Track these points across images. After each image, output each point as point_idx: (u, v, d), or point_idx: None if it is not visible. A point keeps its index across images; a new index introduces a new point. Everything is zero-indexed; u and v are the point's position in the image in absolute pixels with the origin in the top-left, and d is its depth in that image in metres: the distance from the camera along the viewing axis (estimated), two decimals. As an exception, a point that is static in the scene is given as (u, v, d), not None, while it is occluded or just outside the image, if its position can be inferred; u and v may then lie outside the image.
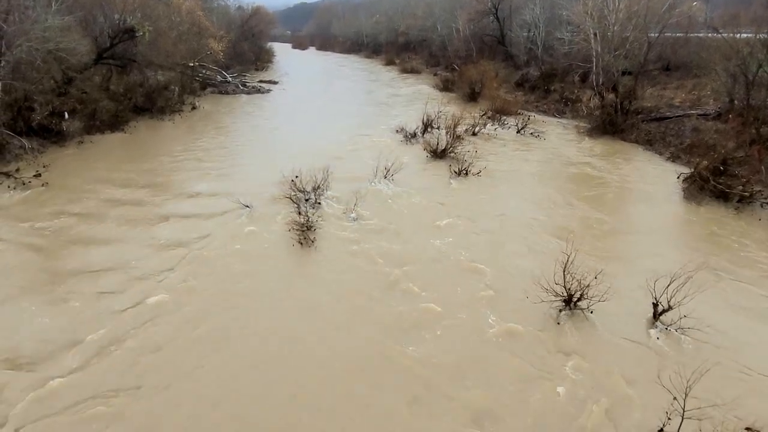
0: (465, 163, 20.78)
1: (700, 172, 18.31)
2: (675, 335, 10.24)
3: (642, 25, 29.83)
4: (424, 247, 14.16)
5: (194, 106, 35.31)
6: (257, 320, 10.67)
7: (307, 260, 13.40)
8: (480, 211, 17.14)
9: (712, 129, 23.80)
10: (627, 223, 16.85)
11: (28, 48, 21.39)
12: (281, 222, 15.46)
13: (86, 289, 11.60)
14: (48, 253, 13.25)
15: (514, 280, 12.40)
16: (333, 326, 10.54)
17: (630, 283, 11.92)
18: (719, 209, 17.21)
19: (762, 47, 22.79)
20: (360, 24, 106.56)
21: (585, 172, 21.95)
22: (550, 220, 16.51)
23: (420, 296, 11.69)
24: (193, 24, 40.78)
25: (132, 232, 14.73)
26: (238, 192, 17.53)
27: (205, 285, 11.97)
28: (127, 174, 20.04)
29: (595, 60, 31.32)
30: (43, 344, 9.58)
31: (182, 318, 10.61)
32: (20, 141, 20.82)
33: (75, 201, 16.95)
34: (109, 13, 29.83)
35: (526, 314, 10.92)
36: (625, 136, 27.12)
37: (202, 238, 14.35)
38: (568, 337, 10.27)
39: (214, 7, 56.72)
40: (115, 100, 28.24)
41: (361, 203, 16.58)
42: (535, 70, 42.12)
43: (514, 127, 29.15)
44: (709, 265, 12.91)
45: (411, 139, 26.31)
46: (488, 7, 51.14)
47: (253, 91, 45.55)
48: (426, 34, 69.55)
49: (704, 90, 28.70)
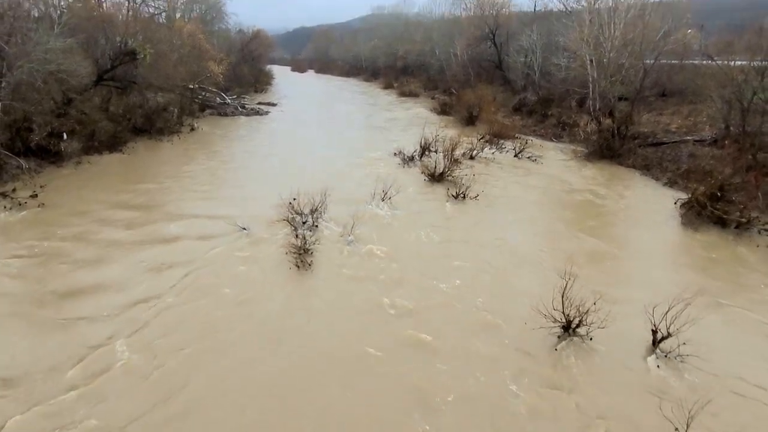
0: (463, 186, 20.80)
1: (698, 197, 18.35)
2: (675, 363, 10.10)
3: (637, 52, 30.23)
4: (420, 271, 14.03)
5: (193, 127, 35.41)
6: (245, 352, 10.41)
7: (302, 286, 13.24)
8: (477, 234, 17.09)
9: (708, 155, 23.95)
10: (625, 248, 16.80)
11: (29, 69, 21.49)
12: (278, 245, 15.35)
13: (73, 313, 11.39)
14: (38, 275, 13.06)
15: (511, 305, 12.26)
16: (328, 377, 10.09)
17: (629, 309, 11.80)
18: (717, 235, 17.19)
19: (756, 74, 23.06)
20: (358, 48, 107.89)
21: (583, 196, 21.98)
22: (548, 244, 16.45)
23: (414, 321, 11.54)
24: (193, 47, 41.19)
25: (126, 254, 14.58)
26: (235, 214, 17.47)
27: (198, 310, 11.77)
28: (123, 195, 19.97)
29: (591, 86, 31.65)
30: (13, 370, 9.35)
31: (170, 345, 10.38)
32: (17, 161, 20.79)
33: (70, 222, 16.83)
34: (111, 35, 30.10)
35: (523, 340, 10.77)
36: (622, 161, 27.26)
37: (197, 261, 14.21)
38: (566, 365, 10.11)
39: (214, 30, 57.39)
40: (114, 121, 28.31)
41: (359, 226, 16.50)
42: (532, 95, 42.56)
43: (511, 151, 29.29)
44: (709, 292, 12.83)
45: (409, 163, 26.38)
46: (486, 32, 51.95)
47: (252, 113, 45.80)
48: (424, 58, 70.40)
49: (700, 116, 29.00)
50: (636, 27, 30.76)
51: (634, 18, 31.43)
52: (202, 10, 56.25)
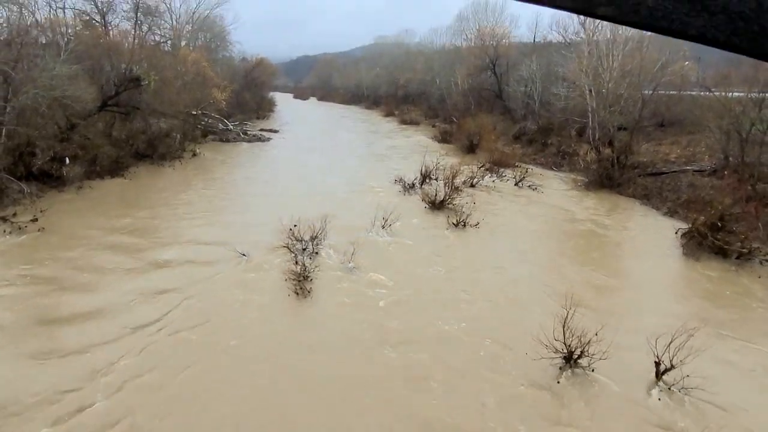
0: (463, 214, 20.80)
1: (698, 228, 18.34)
2: (678, 396, 9.92)
3: (636, 83, 30.65)
4: (419, 300, 13.92)
5: (195, 153, 35.67)
6: (242, 381, 10.24)
7: (301, 314, 13.12)
8: (478, 263, 17.01)
9: (708, 185, 24.02)
10: (626, 278, 16.70)
11: (34, 95, 21.75)
12: (278, 271, 15.27)
13: (71, 340, 11.25)
14: (36, 301, 12.96)
15: (512, 335, 12.11)
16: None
17: (631, 340, 11.64)
18: (719, 265, 17.11)
19: (754, 106, 23.32)
20: (360, 76, 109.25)
21: (584, 226, 21.97)
22: (549, 273, 16.36)
23: (413, 350, 11.39)
24: (197, 74, 41.78)
25: (125, 280, 14.49)
26: (235, 240, 17.42)
27: (195, 337, 11.63)
28: (123, 220, 19.96)
29: (590, 115, 31.97)
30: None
31: (165, 372, 10.22)
32: (19, 185, 20.84)
33: (70, 247, 16.78)
34: (117, 62, 30.58)
35: (524, 372, 10.60)
36: (622, 190, 27.33)
37: (196, 287, 14.11)
38: (568, 398, 9.93)
39: (219, 58, 58.29)
40: (116, 147, 28.53)
41: (359, 253, 16.43)
42: (532, 124, 42.94)
43: (512, 180, 29.41)
44: (712, 323, 12.69)
45: (409, 190, 26.44)
46: (486, 62, 52.74)
47: (254, 139, 46.17)
48: (425, 87, 71.26)
49: (699, 146, 29.19)
50: (634, 58, 31.26)
51: (632, 50, 31.97)
52: (207, 38, 57.25)
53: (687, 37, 0.76)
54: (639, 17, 0.76)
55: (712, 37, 0.74)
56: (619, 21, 0.78)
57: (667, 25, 0.75)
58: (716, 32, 0.73)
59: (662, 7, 0.73)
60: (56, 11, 36.83)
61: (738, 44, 0.74)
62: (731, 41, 0.74)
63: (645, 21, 0.77)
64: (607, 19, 0.79)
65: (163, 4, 47.83)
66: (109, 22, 40.34)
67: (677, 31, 0.74)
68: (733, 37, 0.72)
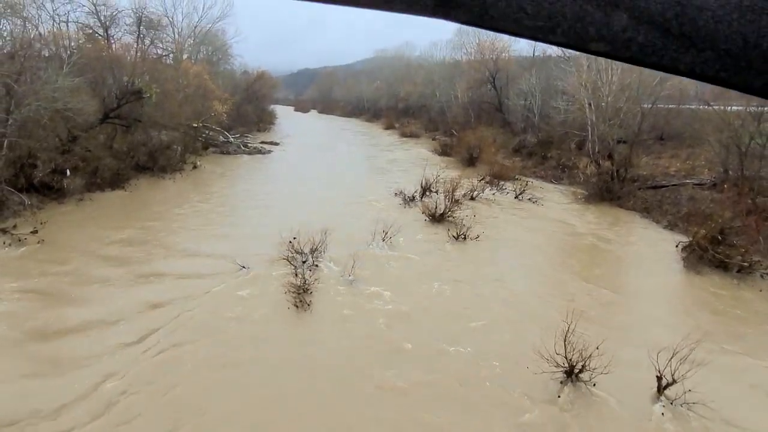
0: (463, 227, 20.80)
1: (699, 241, 18.33)
2: (681, 411, 9.85)
3: (635, 97, 30.80)
4: (419, 313, 13.87)
5: (195, 165, 35.76)
6: (241, 396, 10.19)
7: (301, 327, 13.07)
8: (478, 276, 16.97)
9: (708, 198, 24.07)
10: (627, 292, 16.65)
11: (36, 107, 21.86)
12: (277, 284, 15.22)
13: (68, 352, 11.19)
14: (35, 314, 12.91)
15: (513, 349, 12.05)
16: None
17: (632, 355, 11.58)
18: (720, 279, 17.07)
19: (753, 120, 23.42)
20: (361, 89, 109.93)
21: (584, 239, 21.96)
22: (549, 286, 16.33)
23: (414, 364, 11.32)
24: (199, 87, 42.04)
25: (123, 292, 14.45)
26: (235, 252, 17.39)
27: (192, 351, 11.55)
28: (123, 232, 19.95)
29: (590, 128, 32.11)
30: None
31: (162, 386, 10.15)
32: (20, 197, 20.88)
33: (69, 259, 16.75)
34: (119, 75, 30.80)
35: (525, 387, 10.53)
36: (623, 203, 27.37)
37: (196, 299, 14.07)
38: (570, 414, 9.85)
39: (220, 71, 58.68)
40: (117, 159, 28.62)
41: (359, 266, 16.38)
42: (532, 137, 43.12)
43: (512, 193, 29.44)
44: (713, 337, 12.63)
45: (410, 203, 26.46)
46: (486, 76, 53.10)
47: (255, 151, 46.33)
48: (425, 100, 71.70)
49: (698, 160, 29.29)
50: (633, 72, 31.42)
51: (630, 64, 32.09)
52: (209, 51, 57.68)
53: (677, 72, 0.77)
54: (630, 53, 0.77)
55: (701, 73, 0.75)
56: (611, 57, 0.80)
57: (657, 60, 0.77)
58: (705, 68, 0.75)
59: (652, 43, 0.75)
60: (59, 25, 37.21)
61: (726, 79, 0.75)
62: (720, 76, 0.75)
63: (636, 57, 0.78)
64: (600, 55, 0.81)
65: (166, 18, 48.37)
66: (111, 35, 40.78)
67: (668, 66, 0.76)
68: (721, 72, 0.74)
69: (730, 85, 0.76)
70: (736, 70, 0.73)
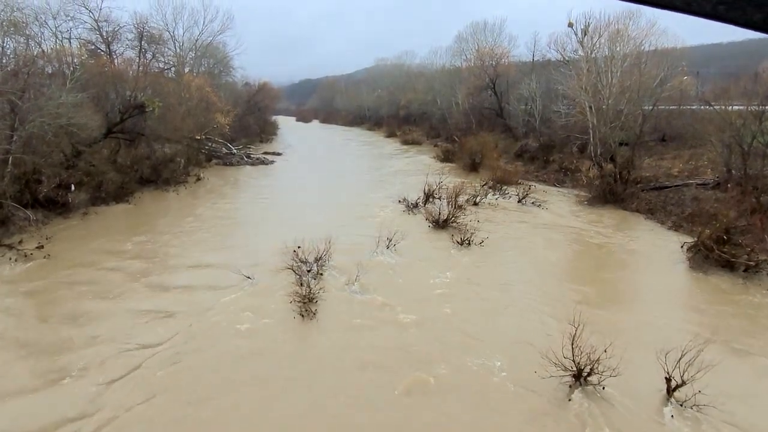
0: (467, 233, 20.78)
1: (704, 241, 18.24)
2: (691, 413, 9.76)
3: (635, 99, 30.83)
4: (425, 321, 13.82)
5: (199, 177, 35.90)
6: (248, 406, 10.18)
7: (307, 337, 13.06)
8: (483, 281, 16.93)
9: (711, 198, 23.99)
10: (634, 294, 16.59)
11: (40, 123, 22.03)
12: (283, 293, 15.22)
13: (74, 365, 11.20)
14: (41, 328, 12.95)
15: (522, 354, 12.00)
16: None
17: (641, 356, 11.48)
18: (726, 279, 16.97)
19: (754, 119, 23.38)
20: (362, 98, 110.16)
21: (588, 241, 21.90)
22: (556, 290, 16.26)
23: (422, 372, 11.28)
24: (201, 99, 42.26)
25: (129, 305, 14.47)
26: (240, 263, 17.38)
27: (199, 362, 11.56)
28: (128, 245, 20.03)
29: (591, 131, 32.11)
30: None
31: (169, 399, 10.15)
32: (25, 213, 20.98)
33: (75, 273, 16.81)
34: (121, 90, 31.04)
35: (534, 391, 10.48)
36: (626, 205, 27.30)
37: (202, 310, 14.07)
38: (580, 418, 9.79)
39: (222, 83, 58.93)
40: (121, 172, 28.77)
41: (364, 274, 16.39)
42: (533, 141, 43.13)
43: (515, 197, 29.41)
44: (722, 338, 12.55)
45: (413, 209, 26.47)
46: (486, 82, 53.21)
47: (257, 162, 46.50)
48: (426, 107, 71.83)
49: (701, 160, 29.23)
50: (633, 75, 31.50)
51: (630, 66, 32.23)
52: (211, 64, 57.95)
53: (673, 8, 0.76)
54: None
55: (698, 8, 0.74)
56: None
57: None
58: (702, 2, 0.74)
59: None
60: (62, 41, 37.40)
61: (724, 14, 0.74)
62: (717, 11, 0.74)
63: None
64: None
65: (167, 33, 48.60)
66: (113, 50, 40.92)
67: (664, 4, 0.75)
68: (719, 6, 0.73)
69: (728, 20, 0.74)
70: (735, 3, 0.71)
